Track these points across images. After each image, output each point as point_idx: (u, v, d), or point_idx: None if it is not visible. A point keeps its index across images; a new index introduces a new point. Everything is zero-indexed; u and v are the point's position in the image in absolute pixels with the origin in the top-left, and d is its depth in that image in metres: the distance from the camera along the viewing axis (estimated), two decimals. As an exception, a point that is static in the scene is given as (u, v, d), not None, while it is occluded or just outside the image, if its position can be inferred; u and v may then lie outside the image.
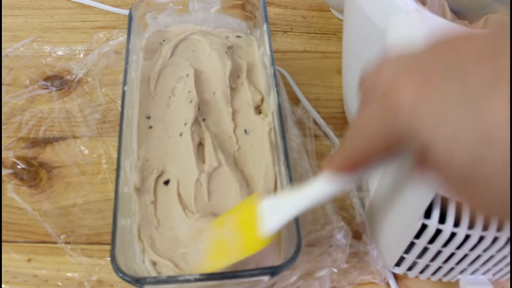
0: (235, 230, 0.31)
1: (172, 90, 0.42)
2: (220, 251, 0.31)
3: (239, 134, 0.39)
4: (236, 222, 0.31)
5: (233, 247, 0.30)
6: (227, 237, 0.31)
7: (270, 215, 0.29)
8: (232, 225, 0.31)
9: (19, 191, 0.42)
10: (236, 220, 0.31)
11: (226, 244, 0.31)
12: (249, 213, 0.30)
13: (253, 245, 0.29)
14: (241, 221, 0.31)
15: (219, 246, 0.31)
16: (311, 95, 0.48)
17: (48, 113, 0.47)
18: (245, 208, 0.31)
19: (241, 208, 0.32)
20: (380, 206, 0.35)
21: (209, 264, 0.31)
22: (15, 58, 0.52)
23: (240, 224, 0.31)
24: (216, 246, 0.31)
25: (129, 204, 0.34)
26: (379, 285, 0.36)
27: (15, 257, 0.38)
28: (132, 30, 0.43)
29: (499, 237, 0.27)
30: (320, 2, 0.58)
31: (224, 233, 0.31)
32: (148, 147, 0.38)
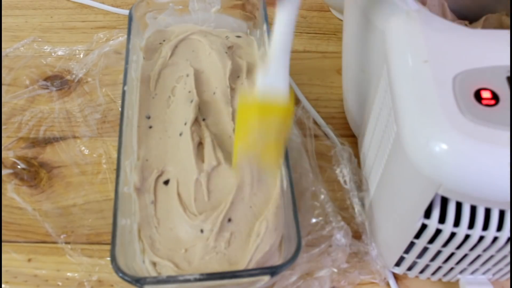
0: (263, 134, 0.31)
1: (172, 90, 0.42)
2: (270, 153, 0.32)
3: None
4: (257, 131, 0.31)
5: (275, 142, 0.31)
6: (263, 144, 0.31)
7: (273, 90, 0.30)
8: (256, 137, 0.31)
9: (19, 191, 0.42)
10: (254, 131, 0.31)
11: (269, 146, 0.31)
12: (256, 114, 0.31)
13: (287, 117, 0.31)
14: (260, 126, 0.31)
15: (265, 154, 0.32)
16: (311, 95, 0.48)
17: (48, 113, 0.47)
18: (248, 117, 0.31)
19: (245, 121, 0.32)
20: (380, 206, 0.35)
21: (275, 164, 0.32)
22: (15, 58, 0.52)
23: (262, 128, 0.31)
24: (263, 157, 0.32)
25: (129, 204, 0.34)
26: (379, 285, 0.36)
27: (15, 257, 0.38)
28: (132, 30, 0.43)
29: (499, 237, 0.27)
30: (320, 2, 0.58)
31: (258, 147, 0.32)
32: (148, 147, 0.38)
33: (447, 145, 0.24)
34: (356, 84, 0.40)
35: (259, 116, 0.31)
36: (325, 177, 0.40)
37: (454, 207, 0.27)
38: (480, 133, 0.24)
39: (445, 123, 0.25)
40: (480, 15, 0.39)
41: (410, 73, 0.28)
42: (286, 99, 0.30)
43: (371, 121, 0.37)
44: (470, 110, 0.25)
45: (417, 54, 0.28)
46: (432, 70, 0.27)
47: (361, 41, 0.36)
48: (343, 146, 0.41)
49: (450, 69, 0.27)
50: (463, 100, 0.25)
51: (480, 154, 0.24)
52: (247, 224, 0.34)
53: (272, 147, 0.32)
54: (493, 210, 0.26)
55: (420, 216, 0.28)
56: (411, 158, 0.26)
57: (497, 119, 0.25)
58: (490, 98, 0.25)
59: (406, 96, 0.27)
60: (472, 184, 0.24)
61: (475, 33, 0.29)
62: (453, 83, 0.26)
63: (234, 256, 0.33)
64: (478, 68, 0.27)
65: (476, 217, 0.26)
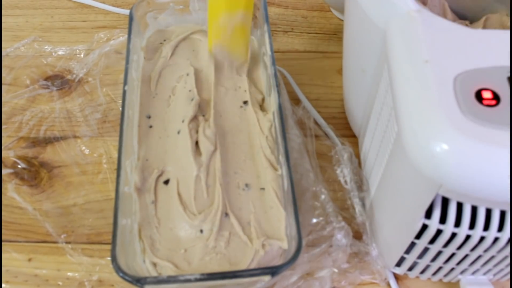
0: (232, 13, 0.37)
1: (173, 89, 0.42)
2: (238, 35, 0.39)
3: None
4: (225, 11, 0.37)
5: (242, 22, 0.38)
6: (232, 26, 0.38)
7: None
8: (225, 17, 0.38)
9: (20, 190, 0.42)
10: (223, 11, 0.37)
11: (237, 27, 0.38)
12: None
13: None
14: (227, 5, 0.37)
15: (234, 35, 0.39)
16: (312, 95, 0.48)
17: (49, 113, 0.47)
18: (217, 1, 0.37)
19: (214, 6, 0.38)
20: (380, 206, 0.35)
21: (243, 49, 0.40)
22: (16, 57, 0.52)
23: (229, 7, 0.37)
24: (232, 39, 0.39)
25: (130, 204, 0.34)
26: (379, 285, 0.36)
27: (16, 257, 0.38)
28: (133, 30, 0.43)
29: (500, 237, 0.27)
30: (320, 2, 0.58)
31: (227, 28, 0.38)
32: (148, 146, 0.38)
33: (448, 145, 0.24)
34: (356, 84, 0.40)
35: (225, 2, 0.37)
36: (326, 177, 0.40)
37: (455, 208, 0.27)
38: (481, 133, 0.24)
39: (446, 123, 0.25)
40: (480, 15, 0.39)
41: (410, 73, 0.27)
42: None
43: (372, 121, 0.37)
44: (471, 110, 0.25)
45: (417, 54, 0.28)
46: (432, 70, 0.27)
47: (362, 41, 0.36)
48: (343, 146, 0.41)
49: (451, 69, 0.27)
50: (464, 100, 0.25)
51: (481, 154, 0.24)
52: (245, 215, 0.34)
53: (238, 32, 0.39)
54: (494, 210, 0.26)
55: (420, 217, 0.28)
56: (411, 158, 0.26)
57: (498, 119, 0.25)
58: (491, 98, 0.25)
59: (406, 96, 0.27)
60: (473, 184, 0.24)
61: (475, 33, 0.29)
62: (454, 83, 0.26)
63: (234, 256, 0.33)
64: (479, 68, 0.27)
65: (477, 218, 0.26)
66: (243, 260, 0.32)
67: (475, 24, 0.39)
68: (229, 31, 0.39)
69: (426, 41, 0.28)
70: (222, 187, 0.35)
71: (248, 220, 0.34)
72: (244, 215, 0.34)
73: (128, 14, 0.44)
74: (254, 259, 0.32)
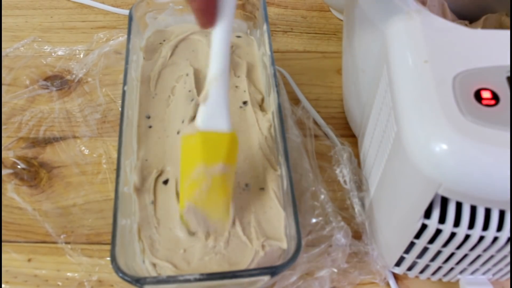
0: (209, 165, 0.30)
1: (172, 89, 0.42)
2: (216, 194, 0.31)
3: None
4: (201, 164, 0.30)
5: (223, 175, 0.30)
6: (207, 182, 0.30)
7: (214, 121, 0.30)
8: (200, 172, 0.30)
9: (19, 191, 0.42)
10: (197, 164, 0.30)
11: (214, 183, 0.30)
12: (200, 147, 0.30)
13: (232, 146, 0.30)
14: (203, 158, 0.30)
15: (213, 193, 0.31)
16: (311, 95, 0.48)
17: (48, 113, 0.47)
18: (192, 151, 0.31)
19: (188, 157, 0.31)
20: (380, 206, 0.35)
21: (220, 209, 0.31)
22: (15, 58, 0.52)
23: (205, 160, 0.30)
24: (208, 199, 0.31)
25: (129, 204, 0.34)
26: (379, 285, 0.36)
27: (15, 257, 0.38)
28: (132, 30, 0.43)
29: (499, 237, 0.27)
30: (320, 2, 0.58)
31: (201, 186, 0.30)
32: (147, 147, 0.38)
33: (447, 145, 0.24)
34: (356, 84, 0.40)
35: (202, 149, 0.30)
36: (325, 177, 0.40)
37: (454, 207, 0.27)
38: (480, 133, 0.24)
39: (445, 123, 0.25)
40: (480, 15, 0.39)
41: (410, 73, 0.28)
42: (228, 129, 0.30)
43: (371, 121, 0.37)
44: (470, 110, 0.25)
45: (417, 54, 0.28)
46: (432, 70, 0.27)
47: (361, 41, 0.36)
48: (343, 146, 0.41)
49: (450, 69, 0.27)
50: (463, 100, 0.25)
51: (480, 154, 0.24)
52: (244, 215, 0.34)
53: (218, 185, 0.31)
54: (493, 210, 0.26)
55: (420, 216, 0.28)
56: (411, 158, 0.26)
57: (497, 119, 0.25)
58: (490, 98, 0.25)
59: (406, 96, 0.27)
60: (472, 184, 0.24)
61: (475, 33, 0.29)
62: (453, 83, 0.26)
63: (233, 256, 0.33)
64: (478, 68, 0.27)
65: (476, 217, 0.26)
66: (242, 261, 0.32)
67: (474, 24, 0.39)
68: (205, 187, 0.30)
69: (425, 41, 0.28)
70: None
71: (248, 220, 0.34)
72: (244, 215, 0.34)
73: (128, 14, 0.44)
74: (254, 259, 0.32)
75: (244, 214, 0.34)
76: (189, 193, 0.31)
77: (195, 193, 0.31)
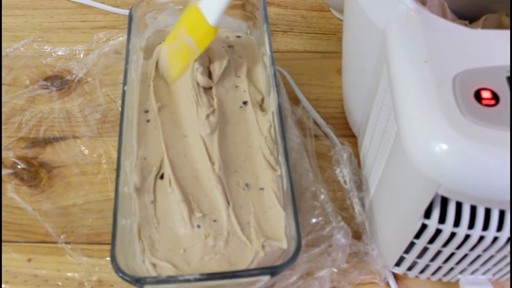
0: (187, 34, 0.39)
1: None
2: (180, 55, 0.40)
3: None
4: (185, 29, 0.39)
5: (190, 48, 0.39)
6: (182, 43, 0.39)
7: (209, 9, 0.38)
8: (182, 33, 0.39)
9: (19, 191, 0.42)
10: (184, 28, 0.39)
11: (184, 48, 0.39)
12: (192, 18, 0.39)
13: (206, 36, 0.39)
14: (189, 26, 0.39)
15: (178, 52, 0.40)
16: (311, 95, 0.48)
17: (48, 113, 0.47)
18: (188, 16, 0.39)
19: (184, 18, 0.40)
20: (380, 206, 0.35)
21: (175, 69, 0.40)
22: (15, 58, 0.52)
23: (189, 29, 0.39)
24: (175, 53, 0.40)
25: (129, 204, 0.34)
26: (379, 285, 0.36)
27: (15, 257, 0.38)
28: (132, 30, 0.43)
29: (499, 237, 0.27)
30: (320, 2, 0.58)
31: (177, 42, 0.40)
32: (146, 144, 0.38)
33: (447, 145, 0.24)
34: (356, 84, 0.40)
35: (190, 19, 0.39)
36: (325, 177, 0.40)
37: (454, 207, 0.27)
38: (480, 133, 0.24)
39: (445, 123, 0.25)
40: (480, 15, 0.39)
41: (410, 73, 0.27)
42: (212, 22, 0.38)
43: (371, 121, 0.37)
44: (470, 110, 0.25)
45: (417, 54, 0.28)
46: (432, 70, 0.27)
47: (361, 41, 0.36)
48: (343, 146, 0.41)
49: (450, 69, 0.27)
50: (463, 100, 0.25)
51: (480, 154, 0.24)
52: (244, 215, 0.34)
53: (183, 51, 0.40)
54: (493, 210, 0.26)
55: (420, 216, 0.28)
56: (411, 158, 0.26)
57: (497, 119, 0.25)
58: (490, 98, 0.25)
59: (406, 96, 0.27)
60: (472, 184, 0.24)
61: (475, 33, 0.29)
62: (453, 83, 0.26)
63: (233, 256, 0.33)
64: (478, 68, 0.27)
65: (476, 217, 0.26)
66: (242, 261, 0.32)
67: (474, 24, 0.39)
68: (178, 45, 0.40)
69: (425, 41, 0.28)
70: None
71: (247, 220, 0.34)
72: (244, 214, 0.34)
73: (128, 14, 0.44)
74: (254, 260, 0.32)
75: (244, 214, 0.34)
76: (170, 39, 0.41)
77: (172, 42, 0.40)
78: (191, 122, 0.38)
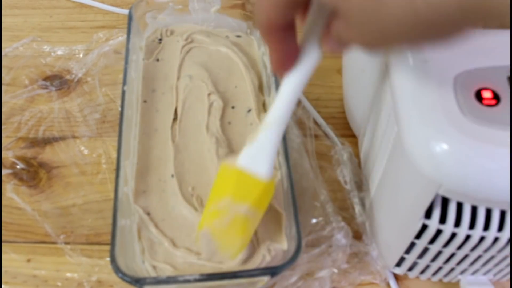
0: (236, 204, 0.29)
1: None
2: (235, 230, 0.30)
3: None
4: (231, 200, 0.29)
5: (247, 217, 0.29)
6: (232, 217, 0.29)
7: (255, 163, 0.29)
8: (229, 205, 0.29)
9: (19, 191, 0.42)
10: (229, 198, 0.29)
11: (238, 221, 0.29)
12: (237, 182, 0.29)
13: (265, 195, 0.29)
14: (236, 194, 0.29)
15: (230, 229, 0.30)
16: (311, 95, 0.48)
17: (48, 113, 0.47)
18: (229, 183, 0.30)
19: (223, 187, 0.30)
20: (380, 206, 0.35)
21: (234, 247, 0.30)
22: (15, 57, 0.51)
23: (237, 197, 0.29)
24: (227, 231, 0.30)
25: (129, 204, 0.34)
26: (379, 285, 0.36)
27: (15, 257, 0.38)
28: (132, 29, 0.43)
29: (500, 237, 0.27)
30: (320, 2, 0.58)
31: (224, 219, 0.29)
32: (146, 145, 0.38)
33: (448, 145, 0.24)
34: (356, 84, 0.40)
35: (235, 184, 0.29)
36: (326, 177, 0.40)
37: (454, 208, 0.27)
38: (480, 133, 0.24)
39: (446, 123, 0.25)
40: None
41: (410, 73, 0.27)
42: (266, 176, 0.29)
43: (372, 121, 0.36)
44: (471, 110, 0.25)
45: (417, 54, 0.28)
46: (432, 70, 0.27)
47: (362, 41, 0.36)
48: (343, 146, 0.41)
49: (451, 69, 0.27)
50: (464, 100, 0.25)
51: (480, 154, 0.24)
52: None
53: (239, 224, 0.29)
54: (494, 210, 0.26)
55: (420, 217, 0.28)
56: (411, 158, 0.26)
57: (498, 119, 0.25)
58: (491, 98, 0.25)
59: (406, 96, 0.27)
60: (473, 184, 0.24)
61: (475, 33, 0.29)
62: (454, 83, 0.26)
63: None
64: (479, 68, 0.27)
65: (477, 218, 0.26)
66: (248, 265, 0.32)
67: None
68: (226, 221, 0.29)
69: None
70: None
71: None
72: None
73: (127, 14, 0.44)
74: (260, 265, 0.32)
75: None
76: (210, 219, 0.30)
77: (215, 222, 0.30)
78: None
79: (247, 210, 0.29)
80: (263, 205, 0.30)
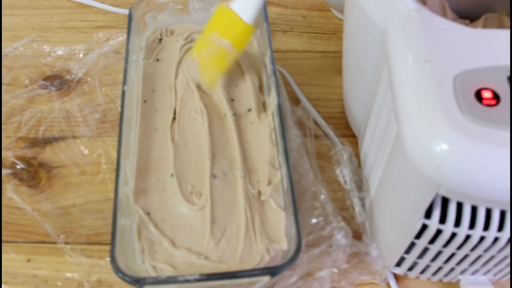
0: (220, 37, 0.36)
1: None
2: (215, 60, 0.38)
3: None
4: (217, 33, 0.37)
5: (226, 51, 0.37)
6: (215, 48, 0.37)
7: (242, 9, 0.36)
8: (215, 37, 0.37)
9: (19, 191, 0.42)
10: (216, 31, 0.37)
11: (219, 52, 0.37)
12: (225, 19, 0.36)
13: (244, 35, 0.37)
14: (222, 29, 0.37)
15: (212, 58, 0.38)
16: (311, 95, 0.48)
17: (48, 113, 0.47)
18: (219, 19, 0.37)
19: (214, 22, 0.38)
20: (380, 206, 0.35)
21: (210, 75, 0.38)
22: (15, 57, 0.51)
23: (222, 31, 0.36)
24: (209, 60, 0.38)
25: (129, 204, 0.34)
26: (379, 285, 0.36)
27: (15, 257, 0.38)
28: (132, 29, 0.43)
29: (500, 237, 0.27)
30: (320, 2, 0.58)
31: (209, 49, 0.37)
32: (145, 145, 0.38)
33: (448, 145, 0.24)
34: (356, 84, 0.40)
35: (224, 22, 0.37)
36: (325, 177, 0.40)
37: (454, 207, 0.27)
38: (480, 133, 0.24)
39: (446, 123, 0.25)
40: (480, 15, 0.39)
41: (410, 73, 0.27)
42: (248, 20, 0.36)
43: (372, 121, 0.36)
44: (470, 110, 0.25)
45: (417, 53, 0.28)
46: (432, 70, 0.27)
47: (361, 40, 0.36)
48: (343, 146, 0.41)
49: (451, 69, 0.27)
50: (463, 100, 0.25)
51: (480, 154, 0.24)
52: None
53: (219, 56, 0.37)
54: (494, 210, 0.26)
55: (420, 216, 0.28)
56: (411, 158, 0.26)
57: (498, 119, 0.25)
58: (490, 98, 0.25)
59: (406, 96, 0.27)
60: (473, 184, 0.24)
61: (475, 33, 0.29)
62: (453, 83, 0.26)
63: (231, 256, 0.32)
64: (479, 68, 0.27)
65: (477, 218, 0.26)
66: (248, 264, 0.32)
67: (475, 23, 0.39)
68: (210, 51, 0.37)
69: (425, 41, 0.28)
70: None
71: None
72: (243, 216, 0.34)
73: (127, 14, 0.44)
74: (259, 265, 0.32)
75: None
76: (199, 49, 0.39)
77: (202, 52, 0.38)
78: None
79: (228, 45, 0.36)
80: (241, 45, 0.37)
